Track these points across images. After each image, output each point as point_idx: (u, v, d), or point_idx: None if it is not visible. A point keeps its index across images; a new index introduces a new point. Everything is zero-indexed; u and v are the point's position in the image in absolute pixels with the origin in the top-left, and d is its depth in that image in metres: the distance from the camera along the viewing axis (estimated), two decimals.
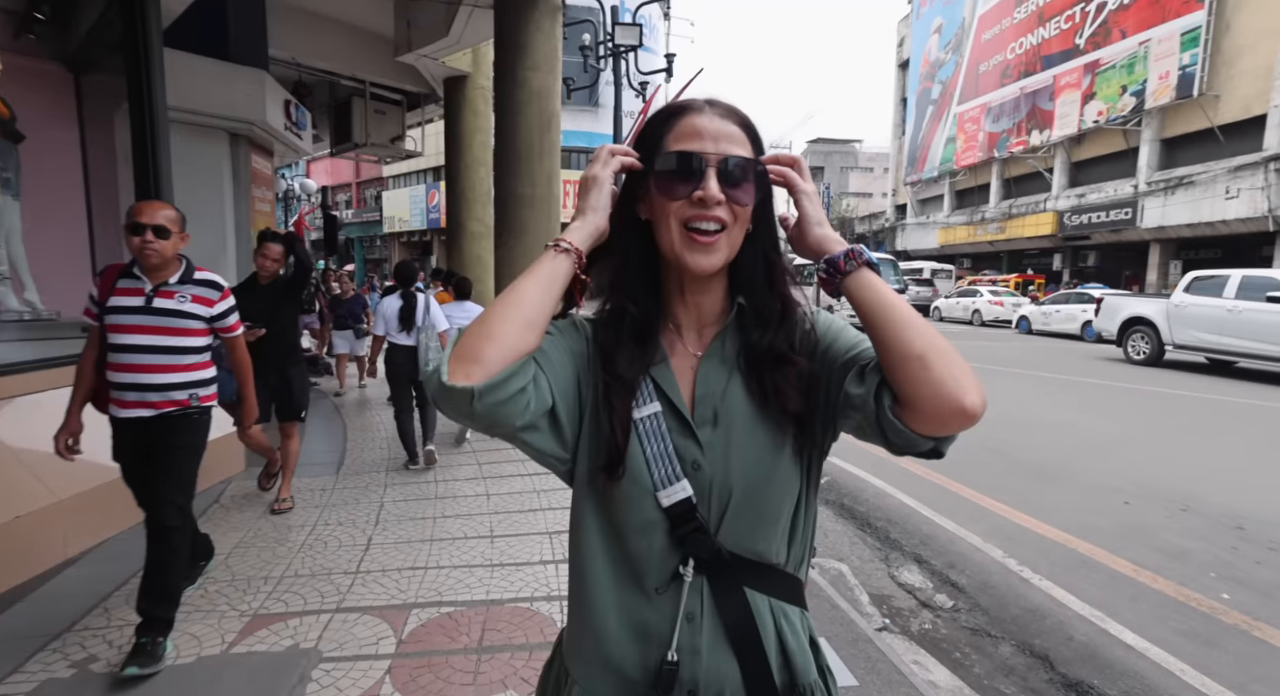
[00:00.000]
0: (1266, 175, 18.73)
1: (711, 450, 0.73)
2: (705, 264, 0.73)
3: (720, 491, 0.72)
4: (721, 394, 0.76)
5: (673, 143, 0.75)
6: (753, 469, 0.73)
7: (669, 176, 0.73)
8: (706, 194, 0.71)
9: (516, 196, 5.37)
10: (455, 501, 3.81)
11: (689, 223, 0.73)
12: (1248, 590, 2.98)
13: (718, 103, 0.77)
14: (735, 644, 0.73)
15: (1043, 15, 27.25)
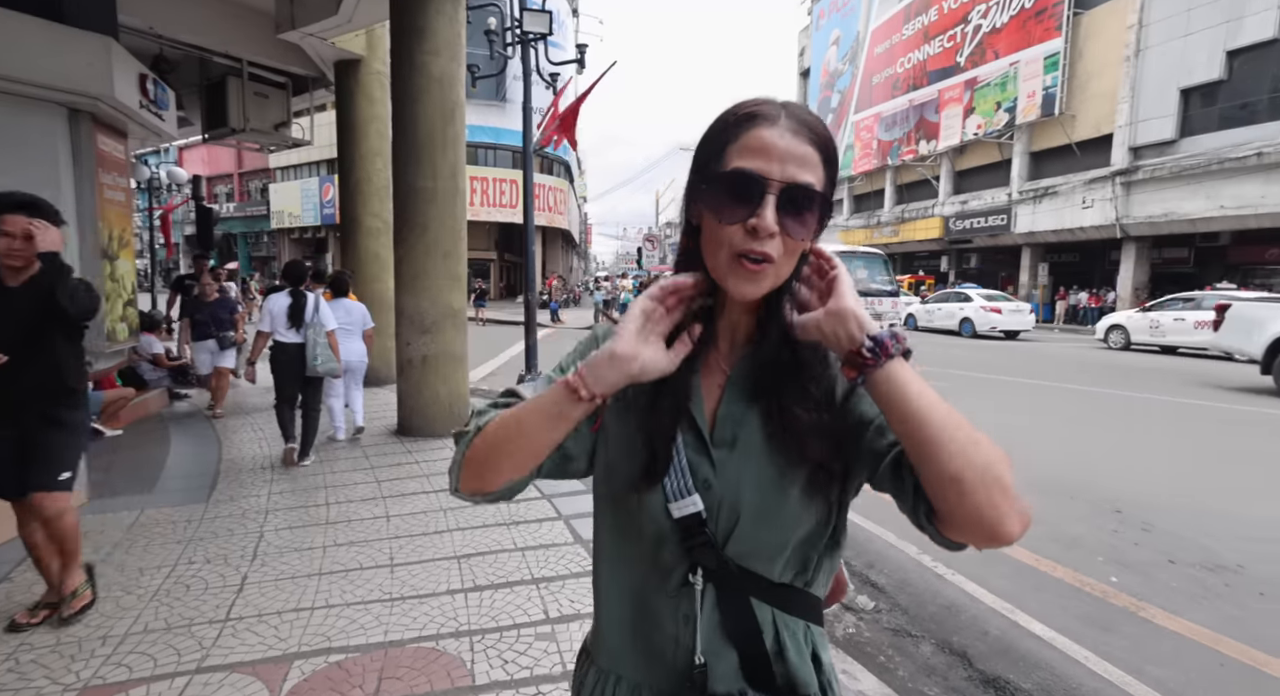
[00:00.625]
0: (1114, 188, 20.95)
1: (723, 471, 0.73)
2: (748, 292, 0.69)
3: (728, 512, 0.72)
4: (742, 416, 0.74)
5: (734, 156, 0.67)
6: (761, 496, 0.72)
7: (723, 195, 0.67)
8: (760, 224, 0.65)
9: (417, 190, 4.99)
10: (349, 526, 3.44)
11: (739, 251, 0.67)
12: (1130, 572, 3.17)
13: (795, 113, 0.69)
14: (739, 649, 0.75)
15: (928, 33, 29.22)
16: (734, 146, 0.67)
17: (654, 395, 0.74)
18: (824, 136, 0.69)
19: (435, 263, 5.05)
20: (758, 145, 0.66)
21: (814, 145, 0.67)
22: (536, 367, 4.63)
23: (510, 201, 29.20)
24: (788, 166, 0.65)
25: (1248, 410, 7.28)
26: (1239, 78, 18.81)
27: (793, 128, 0.67)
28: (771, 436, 0.73)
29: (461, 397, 5.37)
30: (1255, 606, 2.84)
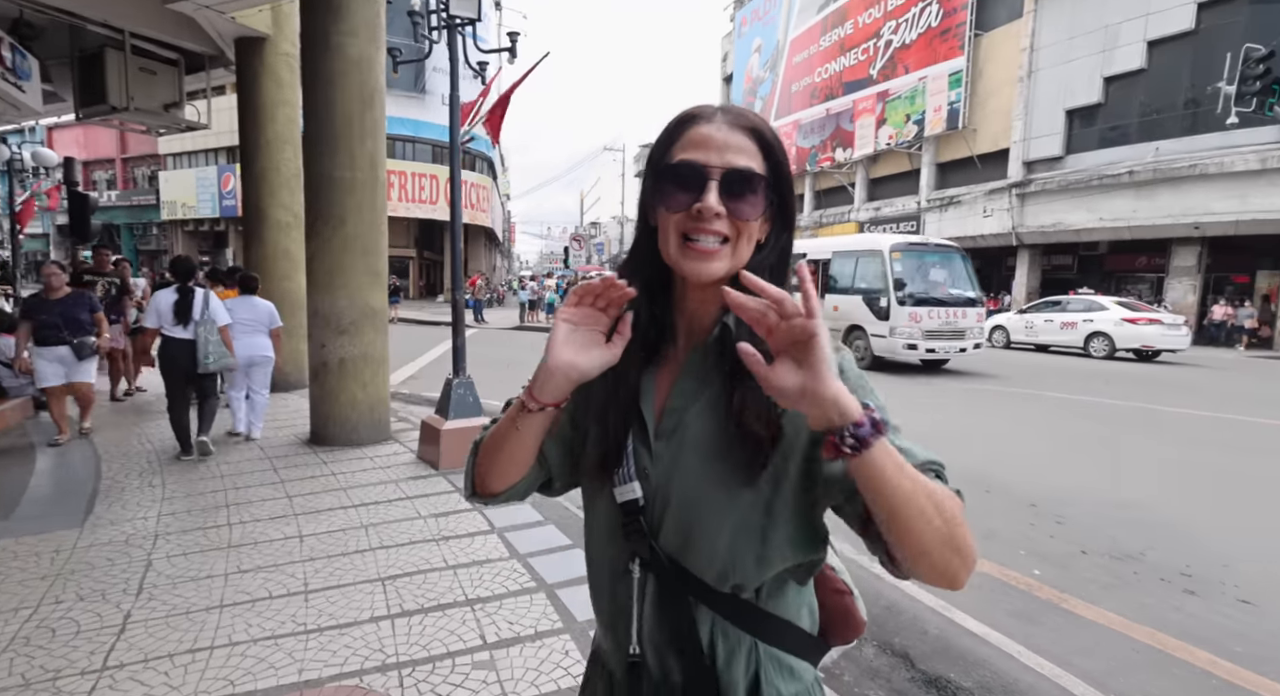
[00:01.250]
0: (1010, 199, 22.59)
1: (660, 460, 0.75)
2: (703, 270, 0.71)
3: (660, 500, 0.75)
4: (688, 406, 0.76)
5: (678, 152, 0.73)
6: (692, 487, 0.73)
7: (670, 187, 0.72)
8: (704, 206, 0.69)
9: (333, 181, 4.61)
10: (256, 549, 3.10)
11: (688, 234, 0.71)
12: (1050, 564, 3.33)
13: (730, 110, 0.75)
14: (678, 646, 0.76)
15: (844, 46, 30.47)
16: (677, 145, 0.72)
17: (608, 391, 0.77)
18: (759, 126, 0.73)
19: (353, 259, 4.70)
20: (697, 139, 0.71)
21: (750, 135, 0.72)
22: (465, 371, 4.38)
23: (430, 197, 28.14)
24: (726, 154, 0.70)
25: (1125, 406, 7.95)
26: (1114, 102, 20.70)
27: (728, 121, 0.72)
28: (714, 427, 0.73)
29: (383, 402, 5.03)
30: (1158, 592, 3.04)
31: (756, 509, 0.72)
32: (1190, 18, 18.89)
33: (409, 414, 6.30)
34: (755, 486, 0.71)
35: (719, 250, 0.70)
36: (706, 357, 0.76)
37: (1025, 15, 22.54)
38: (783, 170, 0.74)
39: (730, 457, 0.71)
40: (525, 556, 3.02)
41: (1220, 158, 17.97)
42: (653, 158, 0.76)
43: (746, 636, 0.75)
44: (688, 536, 0.74)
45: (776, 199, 0.74)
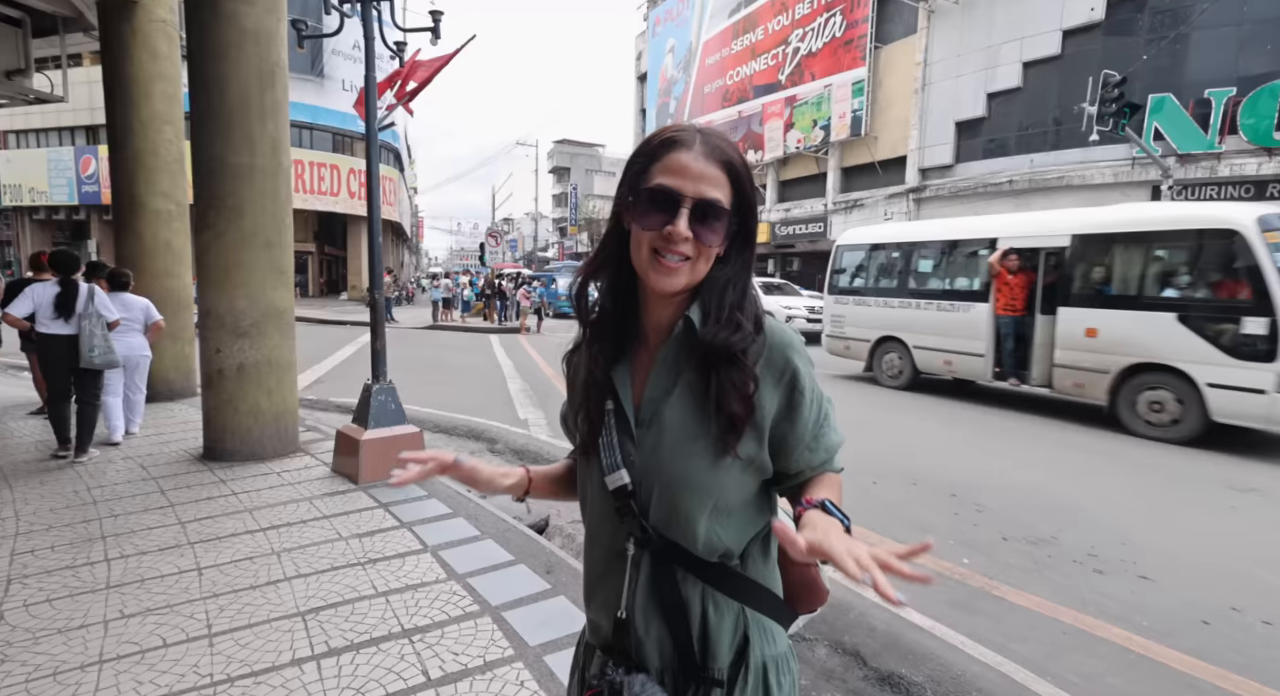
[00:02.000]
0: (908, 203, 24.08)
1: (643, 446, 0.84)
2: (668, 285, 0.81)
3: (647, 482, 0.83)
4: (664, 396, 0.85)
5: (657, 174, 0.80)
6: (673, 463, 0.82)
7: (646, 207, 0.80)
8: (674, 232, 0.78)
9: (228, 166, 4.12)
10: (144, 588, 2.70)
11: (657, 250, 0.80)
12: (977, 552, 3.48)
13: (709, 139, 0.82)
14: (664, 614, 0.84)
15: (754, 51, 31.35)
16: (656, 166, 0.81)
17: (584, 392, 0.90)
18: (732, 159, 0.83)
19: (254, 253, 4.23)
20: (676, 166, 0.79)
21: (722, 168, 0.81)
22: (386, 375, 4.06)
23: (331, 188, 26.43)
24: (700, 185, 0.79)
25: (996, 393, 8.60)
26: (996, 116, 22.49)
27: (705, 152, 0.80)
28: (690, 412, 0.83)
29: (290, 411, 4.58)
30: (1073, 573, 3.24)
31: (733, 478, 0.82)
32: (1057, 43, 20.82)
33: (317, 422, 5.81)
34: (736, 457, 0.81)
35: (681, 266, 0.80)
36: (675, 350, 0.85)
37: (919, 31, 24.06)
38: (747, 198, 0.83)
39: (707, 435, 0.81)
40: (464, 577, 2.80)
41: (1082, 171, 19.95)
42: (632, 171, 0.84)
43: (735, 602, 0.84)
44: (676, 512, 0.81)
45: (738, 223, 0.83)
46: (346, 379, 8.79)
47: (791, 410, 0.82)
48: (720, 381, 0.80)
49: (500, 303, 18.38)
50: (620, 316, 0.89)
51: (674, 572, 0.83)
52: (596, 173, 65.39)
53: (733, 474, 0.81)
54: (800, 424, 0.83)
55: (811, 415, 0.84)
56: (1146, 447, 5.91)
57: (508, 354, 12.28)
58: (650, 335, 0.88)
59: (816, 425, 0.85)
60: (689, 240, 0.78)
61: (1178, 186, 17.54)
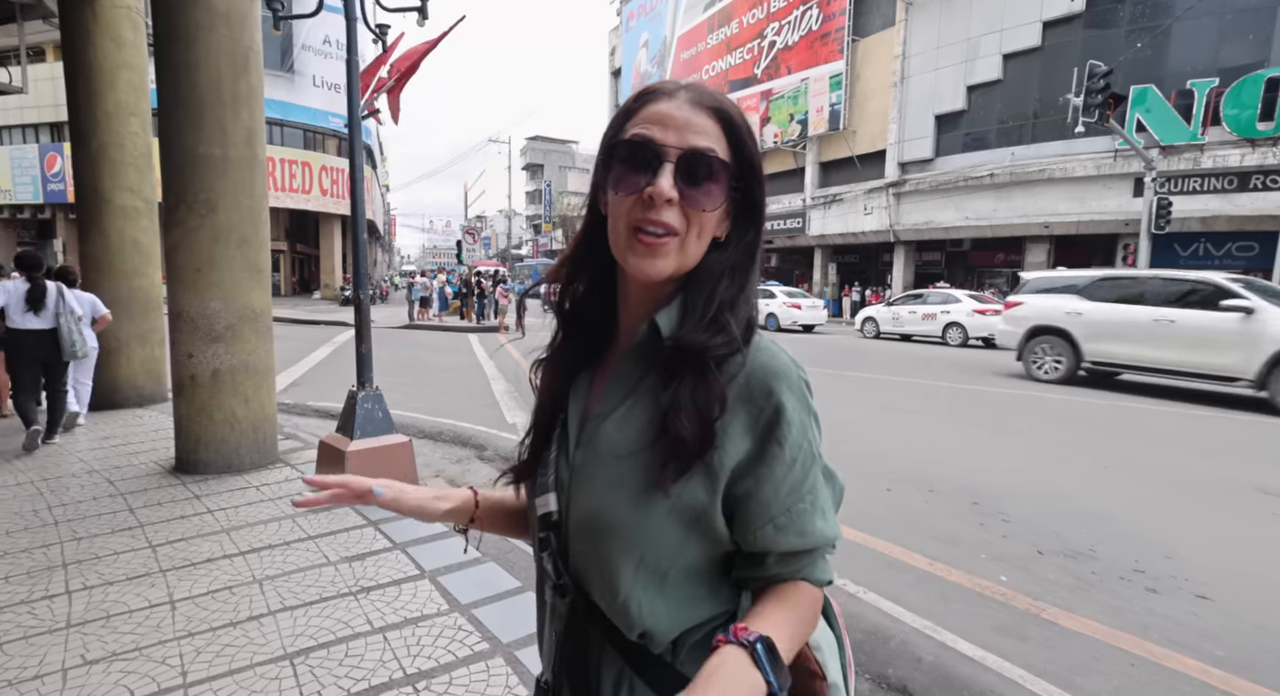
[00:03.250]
0: (888, 198, 24.10)
1: (576, 471, 0.69)
2: (647, 269, 0.64)
3: (571, 513, 0.69)
4: (610, 412, 0.69)
5: (632, 129, 0.65)
6: (600, 499, 0.66)
7: (620, 167, 0.64)
8: (656, 190, 0.62)
9: (198, 158, 3.78)
10: (109, 626, 2.39)
11: (638, 225, 0.63)
12: (1012, 567, 3.29)
13: (694, 87, 0.67)
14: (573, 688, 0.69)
15: (730, 45, 31.17)
16: (632, 121, 0.66)
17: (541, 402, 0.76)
18: (726, 107, 0.66)
19: (227, 252, 3.90)
20: (655, 117, 0.64)
21: (714, 116, 0.65)
22: (372, 381, 3.77)
23: (303, 185, 25.71)
24: (685, 134, 0.63)
25: (1013, 394, 8.53)
26: (976, 109, 22.59)
27: (690, 99, 0.65)
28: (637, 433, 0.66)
29: (269, 419, 4.26)
30: (1123, 593, 3.05)
31: (661, 525, 0.63)
32: (1037, 35, 20.93)
33: (295, 428, 5.47)
34: (668, 497, 0.62)
35: (667, 243, 0.63)
36: (634, 359, 0.69)
37: (897, 24, 24.06)
38: (750, 159, 0.67)
39: (649, 464, 0.63)
40: (469, 608, 2.53)
41: (1064, 163, 20.10)
42: (605, 137, 0.68)
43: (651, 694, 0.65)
44: (593, 557, 0.66)
45: (740, 190, 0.67)
46: (324, 382, 8.42)
47: (761, 462, 0.63)
48: (678, 393, 0.63)
49: (478, 301, 17.99)
50: (598, 316, 0.73)
51: (586, 636, 0.68)
52: (570, 169, 64.92)
53: (660, 518, 0.62)
54: (769, 484, 0.63)
55: (788, 477, 0.63)
56: (1156, 448, 5.84)
57: (489, 354, 11.95)
58: (623, 339, 0.72)
59: (794, 493, 0.63)
60: (674, 204, 0.62)
61: (1161, 178, 17.73)
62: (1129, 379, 9.43)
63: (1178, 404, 7.93)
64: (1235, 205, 18.04)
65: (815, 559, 0.66)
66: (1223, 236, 19.51)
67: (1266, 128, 17.19)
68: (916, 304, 17.39)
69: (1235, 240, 19.51)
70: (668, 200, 0.62)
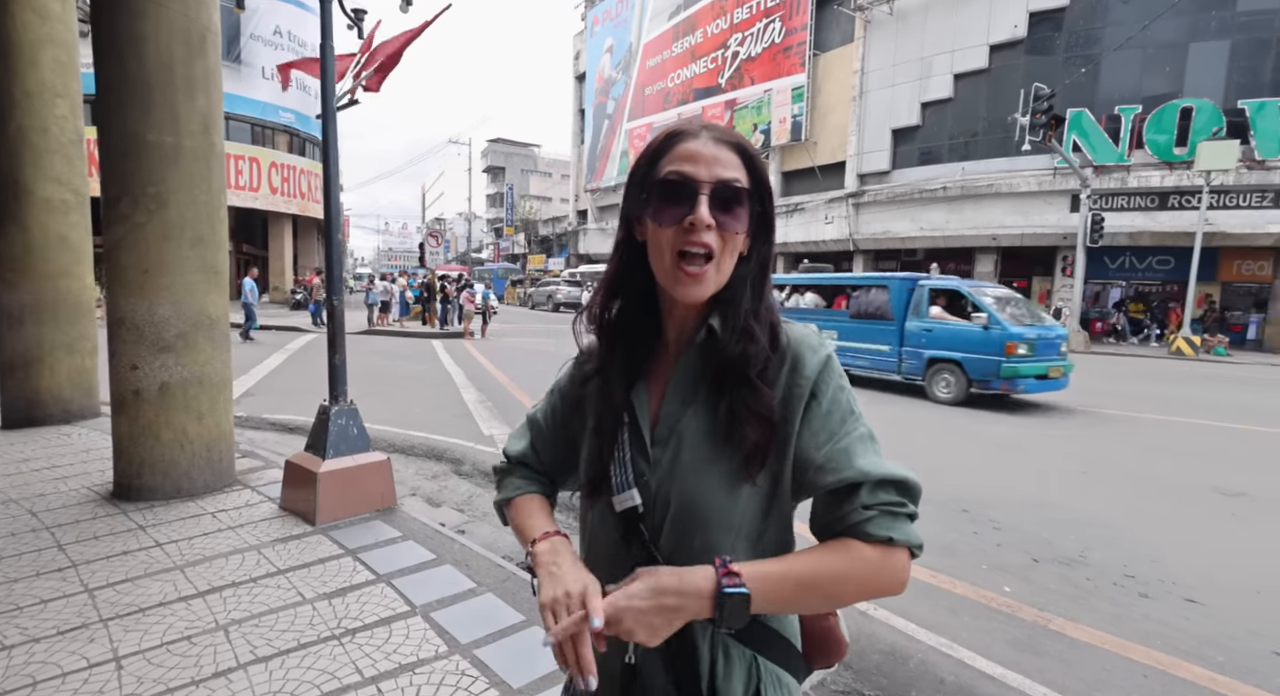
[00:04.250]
0: (848, 208, 24.61)
1: (658, 466, 0.77)
2: (695, 295, 0.75)
3: (660, 506, 0.77)
4: (680, 412, 0.78)
5: (666, 166, 0.75)
6: (693, 491, 0.75)
7: (661, 202, 0.74)
8: (696, 218, 0.72)
9: (146, 146, 3.42)
10: (34, 695, 2.06)
11: (680, 249, 0.73)
12: (1012, 577, 3.25)
13: (714, 127, 0.77)
14: (669, 662, 0.76)
15: (695, 53, 31.39)
16: (664, 159, 0.75)
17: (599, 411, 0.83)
18: (742, 142, 0.77)
19: (179, 251, 3.54)
20: (685, 155, 0.74)
21: (734, 150, 0.76)
22: (345, 394, 3.48)
23: (250, 182, 24.56)
24: (714, 168, 0.73)
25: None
26: (930, 125, 23.29)
27: (714, 137, 0.75)
28: (709, 429, 0.76)
29: (225, 437, 3.89)
30: (1119, 599, 3.05)
31: (754, 508, 0.75)
32: (985, 57, 21.74)
33: (251, 444, 5.08)
34: (754, 484, 0.74)
35: (706, 270, 0.73)
36: (696, 359, 0.79)
37: (856, 40, 24.65)
38: (764, 182, 0.77)
39: (729, 457, 0.74)
40: (470, 648, 2.28)
41: (1009, 179, 20.90)
42: (638, 172, 0.78)
43: (747, 650, 0.77)
44: (689, 540, 0.75)
45: (759, 210, 0.77)
46: (280, 392, 7.94)
47: (805, 421, 0.74)
48: (734, 404, 0.74)
49: (442, 306, 17.46)
50: (642, 330, 0.83)
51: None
52: (532, 173, 64.29)
53: (748, 500, 0.75)
54: (809, 433, 0.74)
55: (826, 424, 0.74)
56: (1122, 452, 5.98)
57: (455, 361, 11.55)
58: (672, 345, 0.83)
59: (831, 437, 0.73)
60: (713, 228, 0.72)
61: (1095, 195, 18.61)
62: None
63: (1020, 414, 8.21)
64: (1157, 222, 19.16)
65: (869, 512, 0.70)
66: (1145, 251, 20.65)
67: (1182, 152, 18.39)
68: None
69: (1155, 254, 20.70)
70: (707, 226, 0.72)
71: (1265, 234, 18.16)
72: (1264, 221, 18.10)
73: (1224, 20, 18.72)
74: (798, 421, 0.74)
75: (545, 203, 55.26)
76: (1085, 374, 10.96)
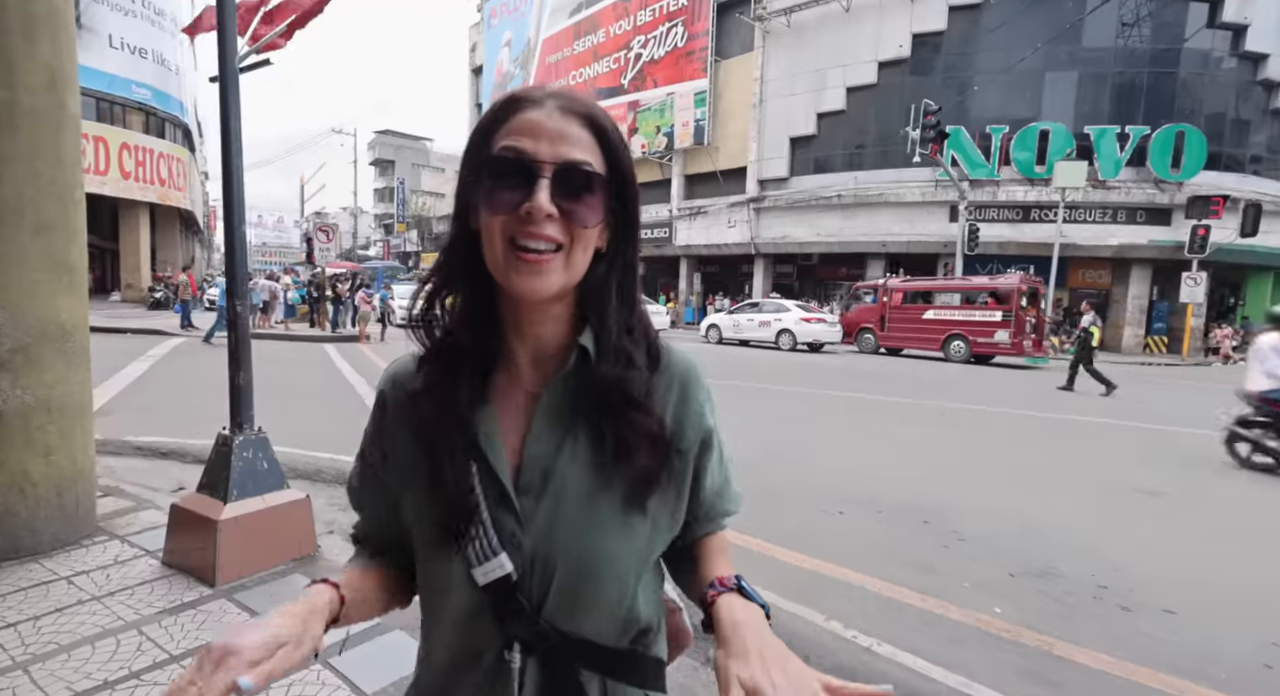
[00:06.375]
0: (749, 212, 25.27)
1: (533, 522, 0.65)
2: (533, 287, 0.61)
3: (544, 568, 0.64)
4: (555, 452, 0.66)
5: (500, 140, 0.61)
6: (585, 543, 0.64)
7: (493, 183, 0.61)
8: (534, 206, 0.59)
9: None
10: None
11: (516, 240, 0.60)
12: (997, 595, 3.18)
13: (562, 94, 0.64)
14: None
15: (597, 53, 31.11)
16: (499, 132, 0.62)
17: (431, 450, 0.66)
18: (596, 115, 0.64)
19: (17, 241, 2.73)
20: (524, 127, 0.61)
21: (586, 124, 0.63)
22: (252, 420, 2.85)
23: (96, 165, 21.41)
24: (558, 146, 0.60)
25: (903, 402, 9.01)
26: (825, 134, 24.41)
27: (560, 106, 0.62)
28: (589, 464, 0.66)
29: (83, 476, 3.07)
30: (1104, 615, 3.04)
31: (645, 536, 0.68)
32: (873, 73, 23.09)
33: (113, 476, 4.18)
34: (644, 513, 0.67)
35: (550, 259, 0.61)
36: (564, 390, 0.67)
37: (755, 49, 25.39)
38: (625, 170, 0.65)
39: (616, 488, 0.65)
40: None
41: (896, 189, 22.31)
42: (471, 148, 0.64)
43: (635, 690, 0.69)
44: (582, 597, 0.65)
45: (617, 200, 0.65)
46: (143, 408, 6.76)
47: (705, 448, 0.71)
48: (618, 429, 0.64)
49: (334, 307, 15.99)
50: (474, 342, 0.67)
51: (575, 674, 0.65)
52: (425, 167, 61.40)
53: (643, 534, 0.67)
54: (712, 464, 0.72)
55: (721, 458, 0.74)
56: (1013, 449, 6.30)
57: (354, 368, 10.52)
58: (522, 367, 0.68)
59: (723, 465, 0.74)
60: (554, 219, 0.59)
61: (971, 207, 20.22)
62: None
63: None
64: (1022, 233, 21.22)
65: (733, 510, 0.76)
66: (1011, 259, 22.77)
67: (1041, 170, 20.51)
68: (754, 312, 18.69)
69: (1018, 262, 22.88)
70: (547, 215, 0.59)
71: (1106, 246, 20.52)
72: (1105, 234, 20.45)
73: (1072, 53, 20.94)
74: (692, 461, 0.70)
75: (439, 199, 52.78)
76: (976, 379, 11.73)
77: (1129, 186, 20.18)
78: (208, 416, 5.70)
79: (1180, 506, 4.78)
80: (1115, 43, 20.64)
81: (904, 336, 17.44)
